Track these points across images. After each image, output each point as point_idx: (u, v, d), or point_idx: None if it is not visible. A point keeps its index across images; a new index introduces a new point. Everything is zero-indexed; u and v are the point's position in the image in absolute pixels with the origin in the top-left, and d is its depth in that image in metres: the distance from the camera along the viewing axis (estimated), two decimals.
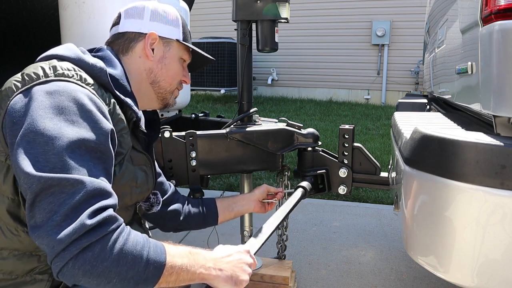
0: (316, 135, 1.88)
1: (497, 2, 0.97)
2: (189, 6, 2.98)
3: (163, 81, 1.17)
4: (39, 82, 0.88)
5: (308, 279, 2.27)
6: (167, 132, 1.75)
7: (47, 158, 0.80)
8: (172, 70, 1.18)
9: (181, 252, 0.92)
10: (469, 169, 0.92)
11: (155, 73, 1.15)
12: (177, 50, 1.19)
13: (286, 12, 1.83)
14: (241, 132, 1.80)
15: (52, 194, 0.78)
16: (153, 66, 1.15)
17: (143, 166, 1.15)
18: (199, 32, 8.70)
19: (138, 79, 1.14)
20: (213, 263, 0.97)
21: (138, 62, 1.13)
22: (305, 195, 1.70)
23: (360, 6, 8.64)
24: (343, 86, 9.03)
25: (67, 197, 0.78)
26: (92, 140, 0.86)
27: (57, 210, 0.77)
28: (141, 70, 1.14)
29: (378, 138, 5.55)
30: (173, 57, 1.18)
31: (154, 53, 1.14)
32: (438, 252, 1.01)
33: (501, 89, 0.96)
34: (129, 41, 1.13)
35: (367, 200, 3.54)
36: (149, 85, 1.16)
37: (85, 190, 0.80)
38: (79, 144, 0.83)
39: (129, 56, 1.13)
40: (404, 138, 1.23)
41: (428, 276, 2.27)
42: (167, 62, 1.17)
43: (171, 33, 1.17)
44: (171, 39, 1.17)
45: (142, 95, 1.15)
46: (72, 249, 0.76)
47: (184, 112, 2.47)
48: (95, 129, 0.87)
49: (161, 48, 1.15)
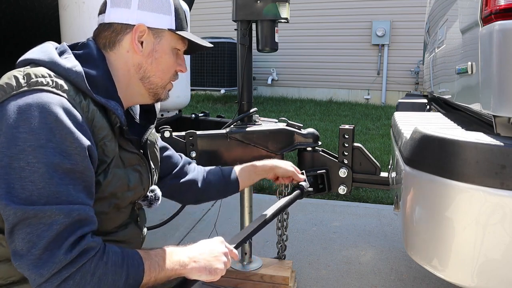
0: (316, 135, 1.88)
1: (497, 2, 0.97)
2: (189, 6, 2.98)
3: (153, 77, 1.08)
4: (12, 95, 0.84)
5: (308, 279, 2.26)
6: (167, 132, 1.75)
7: (23, 185, 0.79)
8: (163, 63, 1.09)
9: (157, 255, 0.94)
10: (469, 169, 0.92)
11: (144, 69, 1.06)
12: (169, 41, 1.08)
13: (286, 12, 1.83)
14: (241, 132, 1.80)
15: (30, 225, 0.78)
16: (142, 61, 1.06)
17: (137, 166, 1.09)
18: (199, 32, 8.69)
19: (126, 76, 1.06)
20: (188, 257, 0.98)
21: (126, 57, 1.04)
22: (301, 195, 1.69)
23: (360, 6, 8.64)
24: (343, 86, 9.03)
25: (45, 228, 0.78)
26: (69, 162, 0.83)
27: (36, 242, 0.78)
28: (129, 66, 1.05)
29: (378, 138, 5.55)
30: (164, 49, 1.08)
31: (143, 47, 1.04)
32: (438, 252, 1.01)
33: (501, 89, 0.96)
34: (116, 34, 1.03)
35: (367, 200, 3.54)
36: (138, 81, 1.07)
37: (63, 222, 0.80)
38: (56, 168, 0.81)
39: (116, 51, 1.04)
40: (404, 138, 1.23)
41: (428, 276, 2.26)
42: (158, 56, 1.07)
43: (162, 23, 1.06)
44: (162, 29, 1.06)
45: (132, 92, 1.08)
46: (53, 281, 0.79)
47: (184, 112, 2.47)
48: (71, 148, 0.83)
49: (151, 41, 1.05)
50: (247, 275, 2.06)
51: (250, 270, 2.08)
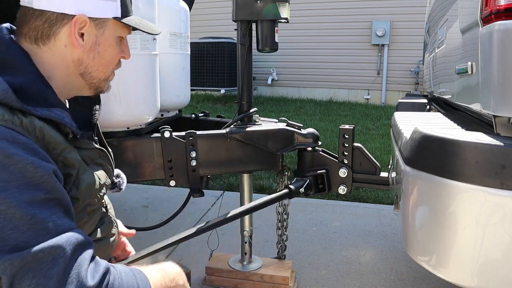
0: (316, 135, 1.88)
1: (497, 2, 0.97)
2: (189, 6, 2.98)
3: (96, 72, 0.95)
4: None
5: (308, 279, 2.26)
6: (167, 132, 1.75)
7: (4, 237, 0.69)
8: (107, 57, 0.95)
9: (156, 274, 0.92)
10: (469, 169, 0.92)
11: (85, 65, 0.92)
12: (113, 30, 0.94)
13: (286, 12, 1.83)
14: (241, 132, 1.80)
15: (30, 269, 0.69)
16: (83, 56, 0.91)
17: (98, 160, 0.99)
18: (199, 32, 8.69)
19: (64, 73, 0.91)
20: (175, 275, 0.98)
21: (64, 52, 0.89)
22: (290, 195, 1.69)
23: (360, 6, 8.64)
24: (343, 86, 9.02)
25: (49, 266, 0.70)
26: (41, 192, 0.73)
27: (46, 284, 0.69)
28: (68, 62, 0.90)
29: (378, 138, 5.55)
30: (108, 41, 0.94)
31: (84, 40, 0.89)
32: (438, 252, 1.01)
33: (501, 89, 0.96)
34: (50, 25, 0.86)
35: (367, 200, 3.54)
36: (78, 77, 0.93)
37: (65, 254, 0.72)
38: (31, 204, 0.71)
39: (50, 46, 0.87)
40: (404, 138, 1.23)
41: (428, 276, 2.26)
42: (101, 49, 0.93)
43: (106, 11, 0.90)
44: (106, 18, 0.91)
45: (70, 86, 0.94)
46: None
47: (184, 112, 2.47)
48: (35, 178, 0.73)
49: (93, 33, 0.90)
50: (247, 275, 2.06)
51: (250, 270, 2.08)
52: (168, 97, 2.10)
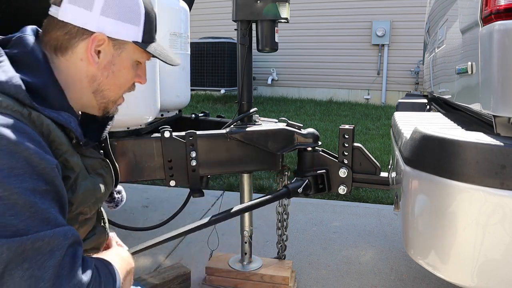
0: (316, 135, 1.88)
1: (497, 2, 0.97)
2: (189, 6, 2.98)
3: (107, 91, 0.96)
4: None
5: (308, 279, 2.26)
6: (167, 132, 1.75)
7: (4, 223, 0.68)
8: (121, 78, 0.96)
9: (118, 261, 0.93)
10: (469, 169, 0.92)
11: (98, 82, 0.93)
12: (131, 54, 0.95)
13: (286, 12, 1.83)
14: (241, 132, 1.80)
15: (26, 259, 0.67)
16: (96, 73, 0.92)
17: (99, 170, 1.00)
18: (199, 32, 8.69)
19: (78, 87, 0.92)
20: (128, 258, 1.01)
21: (79, 65, 0.91)
22: (288, 195, 1.68)
23: (360, 6, 8.65)
24: (343, 86, 9.03)
25: (46, 257, 0.69)
26: (43, 183, 0.73)
27: (40, 276, 0.68)
28: (82, 76, 0.92)
29: (378, 138, 5.55)
30: (124, 63, 0.95)
31: (100, 58, 0.91)
32: (438, 252, 1.01)
33: (501, 89, 0.96)
34: (70, 37, 0.88)
35: (367, 200, 3.54)
36: (91, 95, 0.94)
37: (62, 246, 0.71)
38: (33, 193, 0.71)
39: (68, 57, 0.90)
40: (404, 138, 1.23)
41: (428, 276, 2.26)
42: (116, 70, 0.94)
43: (127, 34, 0.92)
44: (126, 41, 0.93)
45: (83, 102, 0.96)
46: None
47: (184, 112, 2.47)
48: (39, 169, 0.73)
49: (109, 52, 0.92)
50: (247, 275, 2.06)
51: (250, 270, 2.08)
52: (168, 97, 2.10)
